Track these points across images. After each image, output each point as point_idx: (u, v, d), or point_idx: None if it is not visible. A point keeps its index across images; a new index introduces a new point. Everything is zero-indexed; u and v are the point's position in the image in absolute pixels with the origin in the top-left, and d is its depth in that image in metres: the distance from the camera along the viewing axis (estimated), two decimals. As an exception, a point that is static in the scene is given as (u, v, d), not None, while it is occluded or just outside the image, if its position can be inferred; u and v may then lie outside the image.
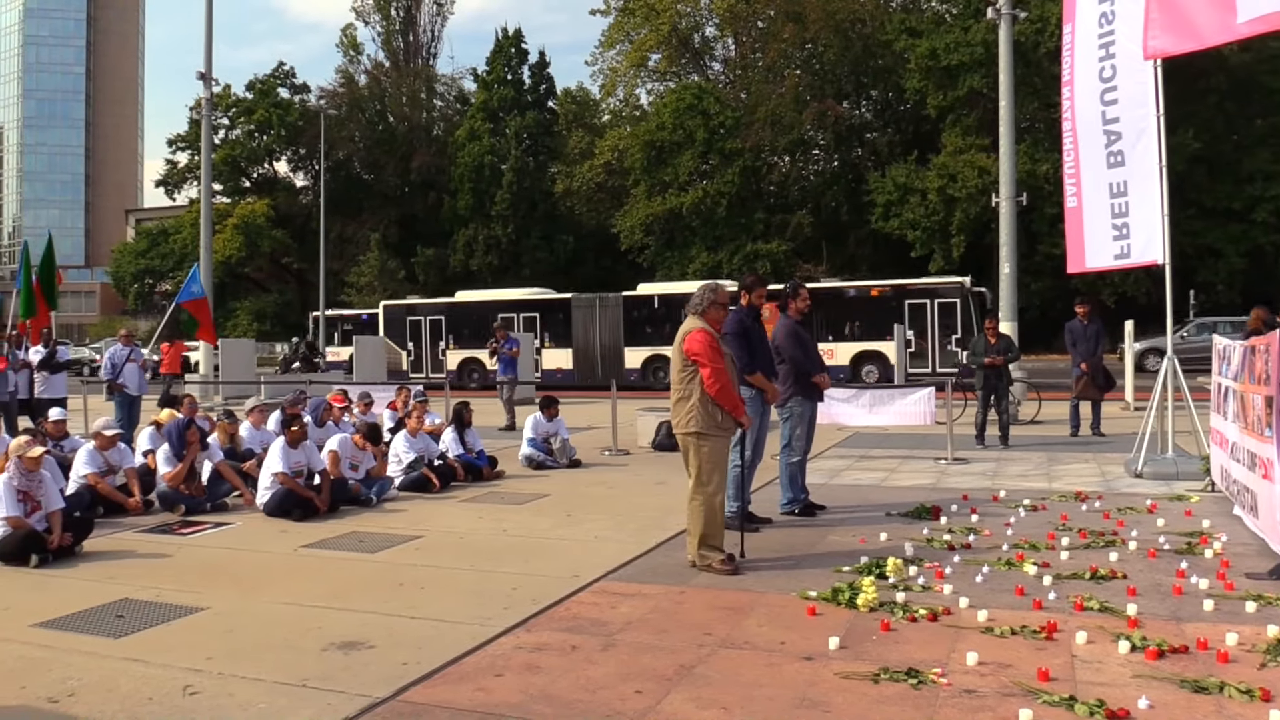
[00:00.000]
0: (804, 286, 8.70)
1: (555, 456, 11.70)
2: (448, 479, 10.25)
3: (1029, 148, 37.98)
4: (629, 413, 14.26)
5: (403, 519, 8.56)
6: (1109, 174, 10.81)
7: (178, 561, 7.00)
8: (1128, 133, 10.59)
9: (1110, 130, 10.78)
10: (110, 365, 14.46)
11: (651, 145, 48.03)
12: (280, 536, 7.83)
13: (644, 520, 8.19)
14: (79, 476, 8.68)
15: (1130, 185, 10.62)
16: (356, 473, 9.49)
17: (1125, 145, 10.62)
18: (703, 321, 6.54)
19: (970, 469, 11.04)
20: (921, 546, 6.92)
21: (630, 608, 5.58)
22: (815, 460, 10.79)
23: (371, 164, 62.55)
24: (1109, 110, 10.76)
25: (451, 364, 31.33)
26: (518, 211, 53.52)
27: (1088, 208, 11.08)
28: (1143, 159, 10.45)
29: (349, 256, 56.47)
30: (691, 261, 46.31)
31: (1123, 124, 10.63)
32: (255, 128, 60.63)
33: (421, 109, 65.33)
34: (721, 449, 6.46)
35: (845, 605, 5.48)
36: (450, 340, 31.82)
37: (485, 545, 7.38)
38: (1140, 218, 10.56)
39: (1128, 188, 10.65)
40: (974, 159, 40.37)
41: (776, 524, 7.99)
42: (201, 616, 5.54)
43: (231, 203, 60.58)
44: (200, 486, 9.10)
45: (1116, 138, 10.72)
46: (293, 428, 9.04)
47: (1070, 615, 5.26)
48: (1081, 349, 14.04)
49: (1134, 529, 7.37)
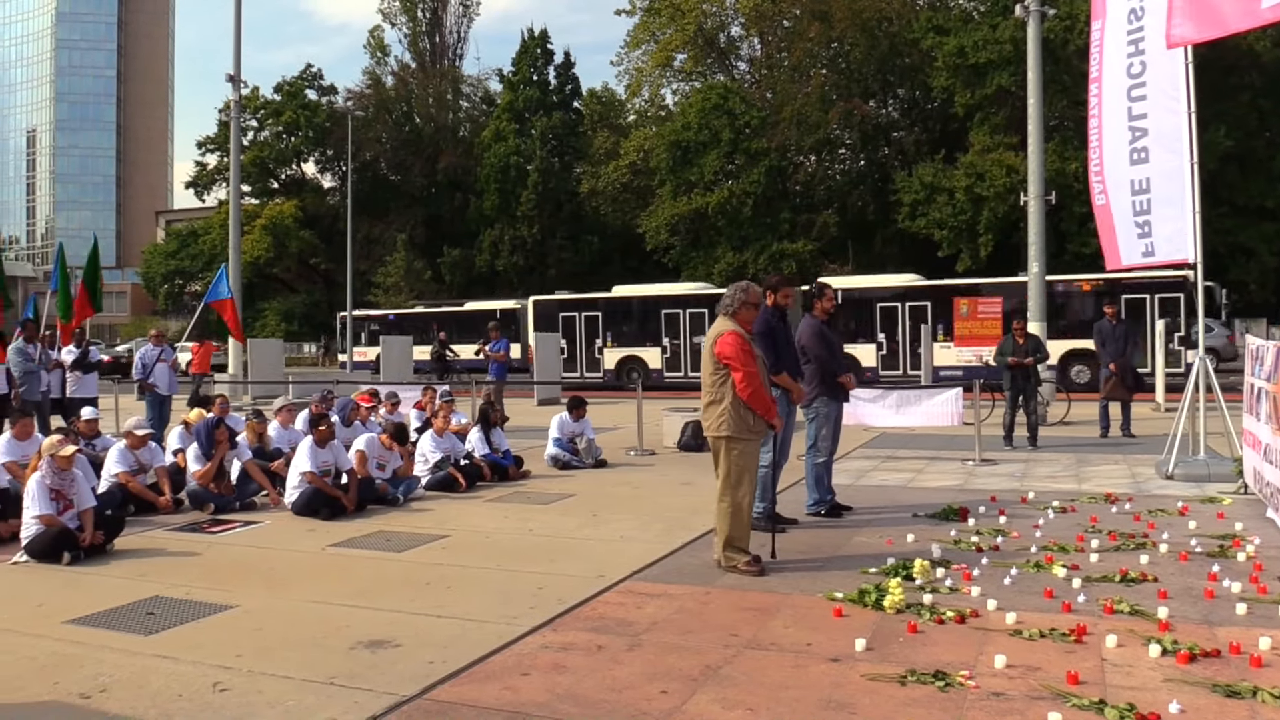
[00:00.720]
0: (830, 286, 8.67)
1: (581, 456, 11.71)
2: (474, 479, 10.29)
3: (1058, 146, 37.64)
4: (655, 413, 14.26)
5: (429, 518, 8.60)
6: (1131, 170, 10.70)
7: (207, 560, 7.07)
8: (1154, 129, 10.46)
9: (1135, 126, 10.66)
10: (141, 365, 14.62)
11: (677, 145, 47.98)
12: (308, 535, 7.88)
13: (670, 520, 8.19)
14: (110, 475, 8.78)
15: (1153, 182, 10.50)
16: (383, 472, 9.54)
17: (1150, 142, 10.50)
18: (734, 323, 6.51)
19: (998, 470, 10.96)
20: (949, 548, 6.88)
21: (656, 608, 5.58)
22: (841, 461, 10.75)
23: (398, 165, 62.91)
24: (1135, 106, 10.65)
25: (609, 363, 30.38)
26: (543, 212, 53.69)
27: (1115, 205, 10.97)
28: (1171, 156, 10.33)
29: (375, 257, 56.81)
30: (717, 261, 46.23)
31: (1149, 120, 10.52)
32: (283, 129, 61.13)
33: (447, 110, 65.65)
34: (752, 452, 6.44)
35: (872, 607, 5.46)
36: (608, 338, 30.72)
37: (511, 545, 7.40)
38: (1163, 215, 10.43)
39: (1149, 184, 10.52)
40: (1002, 158, 40.05)
41: (802, 525, 7.96)
42: (231, 614, 5.58)
43: (260, 204, 61.10)
44: (229, 485, 9.18)
45: (1141, 134, 10.60)
46: (320, 427, 9.11)
47: (1100, 618, 5.21)
48: (1110, 349, 13.93)
49: (1165, 531, 7.30)
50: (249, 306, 49.97)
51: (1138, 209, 10.65)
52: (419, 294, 51.92)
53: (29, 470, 7.39)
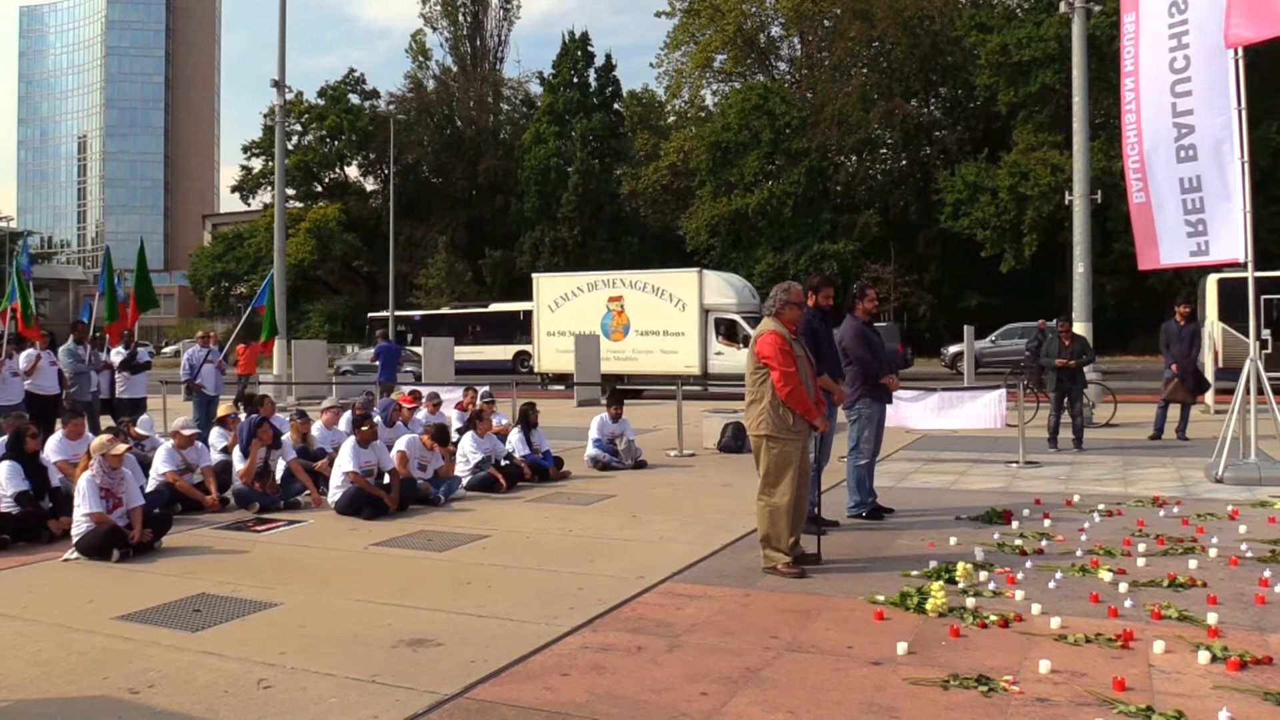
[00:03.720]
0: (872, 287, 8.61)
1: (621, 457, 11.72)
2: (514, 479, 10.33)
3: (1103, 144, 37.12)
4: (695, 414, 14.25)
5: (470, 518, 8.65)
6: (1179, 169, 10.47)
7: (252, 558, 7.16)
8: (1202, 126, 10.26)
9: (1181, 123, 10.44)
10: (189, 366, 14.86)
11: (717, 146, 47.94)
12: (350, 534, 7.96)
13: (710, 522, 8.18)
14: (158, 474, 8.93)
15: (1204, 180, 10.29)
16: (425, 472, 9.60)
17: (1199, 139, 10.29)
18: (777, 323, 6.52)
19: (1043, 473, 10.82)
20: (992, 551, 6.81)
21: (696, 609, 5.57)
22: (883, 463, 10.67)
23: (440, 168, 63.42)
24: (1180, 103, 10.43)
25: None
26: (584, 213, 53.86)
27: (1158, 203, 10.74)
28: (1221, 153, 10.13)
29: (417, 259, 57.30)
30: (757, 263, 46.12)
31: (1196, 117, 10.31)
32: (327, 133, 61.85)
33: (489, 113, 66.06)
34: (790, 452, 6.42)
35: (914, 610, 5.42)
36: None
37: (551, 545, 7.43)
38: (1218, 214, 10.23)
39: (1201, 183, 10.31)
40: (1046, 156, 39.58)
41: (843, 527, 7.92)
42: (275, 612, 5.65)
43: (304, 207, 61.85)
44: (274, 484, 9.29)
45: (1188, 131, 10.38)
46: (363, 427, 9.20)
47: (1147, 624, 5.13)
48: (1175, 350, 13.65)
49: (1214, 536, 7.17)
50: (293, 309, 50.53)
51: (1189, 207, 10.44)
52: (460, 296, 52.31)
53: (79, 469, 7.54)
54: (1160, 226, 10.77)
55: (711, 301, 24.27)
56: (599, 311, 25.34)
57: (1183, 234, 10.56)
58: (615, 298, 25.30)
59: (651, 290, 24.91)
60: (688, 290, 24.40)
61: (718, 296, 24.42)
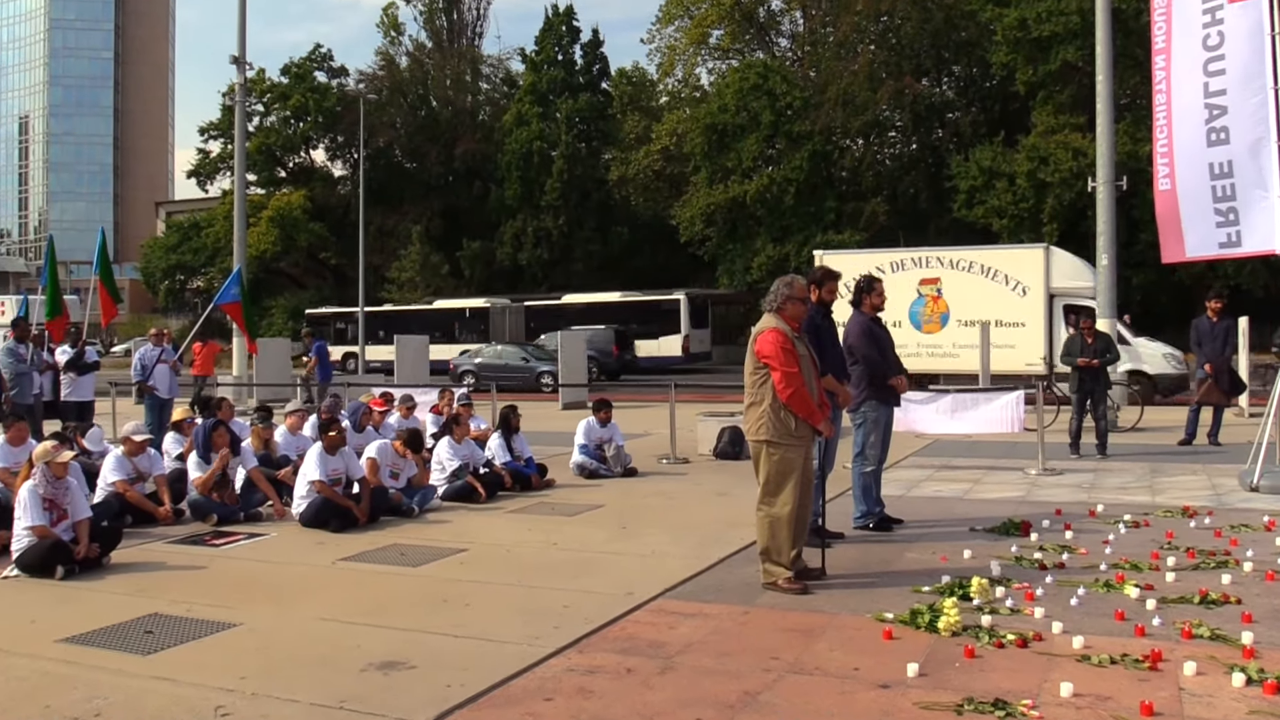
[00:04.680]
0: (879, 281, 8.61)
1: (609, 465, 11.73)
2: (494, 488, 10.33)
3: (1129, 126, 37.21)
4: (688, 417, 14.26)
5: (446, 530, 8.64)
6: (1209, 153, 10.48)
7: (210, 574, 7.14)
8: (1236, 107, 10.29)
9: (1213, 104, 10.47)
10: (140, 366, 14.79)
11: (713, 129, 47.92)
12: (317, 548, 7.95)
13: (705, 534, 8.18)
14: (107, 484, 8.89)
15: (1236, 166, 10.30)
16: (397, 481, 9.59)
17: (1231, 121, 10.32)
18: (778, 319, 6.52)
19: (1064, 481, 10.86)
20: (1009, 565, 6.83)
21: (690, 628, 5.58)
22: (891, 470, 10.69)
23: (413, 152, 63.27)
24: (1213, 82, 10.46)
25: None
26: (569, 201, 53.80)
27: (1183, 190, 10.75)
28: (1256, 137, 10.15)
29: (390, 251, 57.18)
30: (756, 254, 46.13)
31: (1230, 97, 10.33)
32: (291, 114, 61.61)
33: (466, 92, 65.94)
34: (793, 459, 6.43)
35: (925, 629, 5.43)
36: None
37: (534, 559, 7.43)
38: (1251, 202, 10.25)
39: (1233, 168, 10.32)
40: (1068, 139, 39.67)
41: (849, 539, 7.93)
42: (234, 633, 5.64)
43: (266, 194, 61.63)
44: (233, 495, 9.26)
45: (1220, 112, 10.41)
46: (330, 433, 9.17)
47: (1177, 643, 5.14)
48: (1207, 349, 13.59)
49: (1249, 548, 7.20)
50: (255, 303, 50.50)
51: (1219, 194, 10.45)
52: (436, 290, 52.24)
53: (20, 478, 7.50)
54: (1186, 216, 10.77)
55: (1061, 285, 21.50)
56: (906, 296, 22.65)
57: (1211, 224, 10.57)
58: (929, 280, 22.72)
59: (980, 270, 22.13)
60: (1030, 270, 21.60)
61: (1068, 279, 21.61)
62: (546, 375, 28.44)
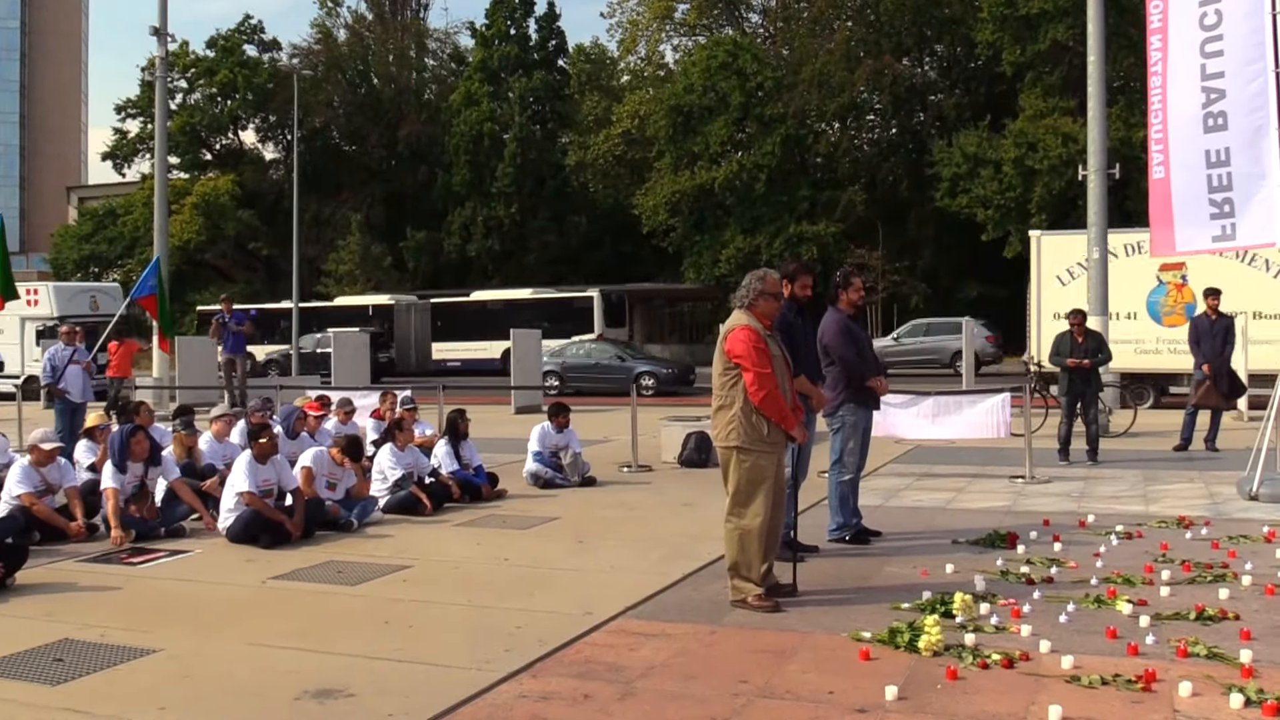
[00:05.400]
0: (857, 275, 8.66)
1: (565, 473, 11.71)
2: (441, 499, 10.29)
3: (1122, 110, 37.67)
4: (652, 422, 14.26)
5: (388, 546, 8.59)
6: (1206, 139, 10.59)
7: (126, 596, 7.05)
8: (1234, 91, 10.40)
9: (1211, 87, 10.58)
10: (50, 367, 14.58)
11: (678, 111, 47.99)
12: (245, 566, 7.87)
13: (669, 548, 8.19)
14: (11, 497, 8.75)
15: (1234, 153, 10.41)
16: (334, 492, 9.53)
17: (1229, 105, 10.43)
18: (749, 316, 6.55)
19: (1052, 489, 10.97)
20: (994, 580, 6.88)
21: (652, 650, 5.58)
22: (869, 478, 10.75)
23: (352, 133, 62.87)
24: (1210, 64, 10.57)
25: None
26: (522, 188, 53.67)
27: (1177, 179, 10.85)
28: (1255, 123, 10.27)
29: (326, 241, 56.75)
30: (725, 246, 46.28)
31: (1228, 80, 10.45)
32: (218, 91, 61.01)
33: (410, 69, 65.60)
34: (765, 466, 6.45)
35: (904, 648, 5.46)
36: None
37: (484, 576, 7.40)
38: (1248, 192, 10.35)
39: (1230, 155, 10.42)
40: (1057, 124, 40.06)
41: (824, 552, 7.96)
42: (154, 660, 5.57)
43: (190, 179, 60.94)
44: (153, 508, 9.15)
45: (1218, 96, 10.51)
46: (260, 440, 9.08)
47: (1172, 662, 5.21)
48: (1205, 348, 13.71)
49: (1248, 561, 7.29)
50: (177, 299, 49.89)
51: (1215, 184, 10.55)
52: (376, 284, 51.93)
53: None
54: (1179, 206, 10.85)
55: None
56: (1143, 285, 21.34)
57: (1205, 215, 10.66)
58: (1172, 265, 21.04)
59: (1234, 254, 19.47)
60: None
61: None
62: (647, 376, 27.60)
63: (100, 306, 31.11)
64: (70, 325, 16.31)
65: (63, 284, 34.09)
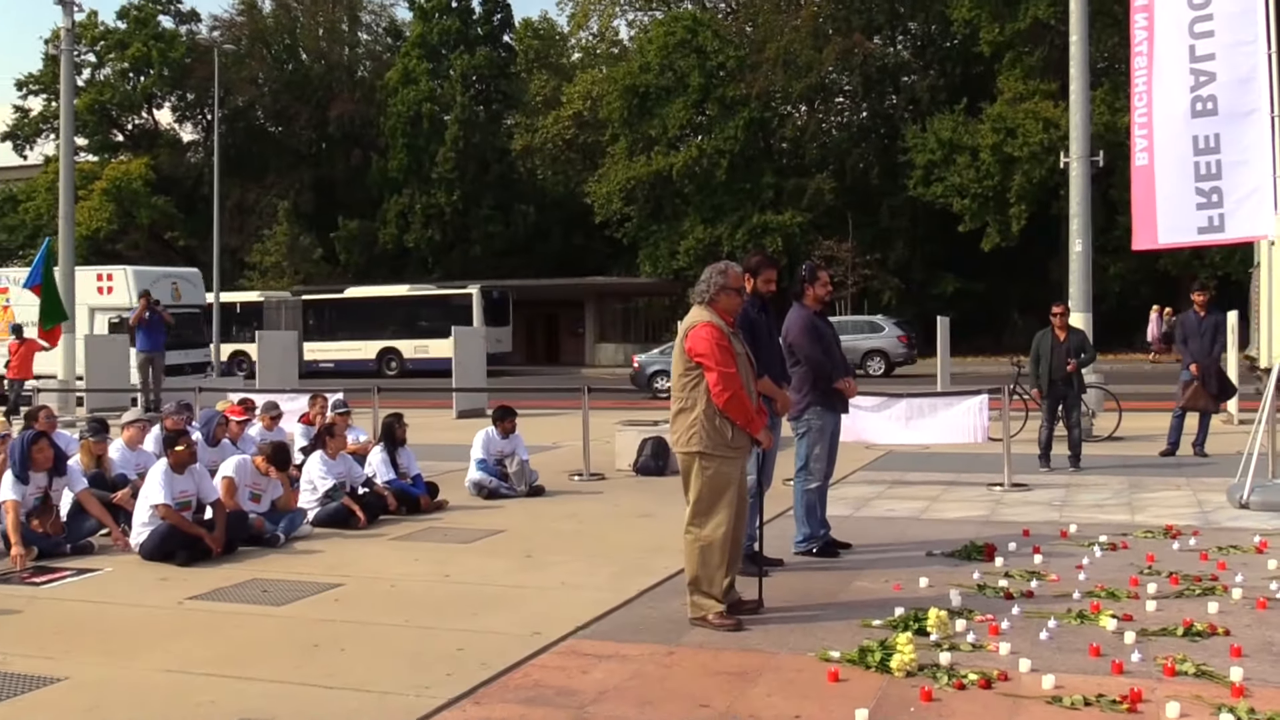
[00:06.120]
0: (824, 269, 8.70)
1: (511, 482, 11.68)
2: (376, 511, 10.23)
3: (1107, 94, 38.10)
4: (605, 427, 14.26)
5: (318, 562, 8.54)
6: (1194, 124, 10.67)
7: (28, 619, 6.97)
8: (1225, 73, 10.50)
9: (1199, 69, 10.68)
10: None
11: (633, 92, 48.01)
12: (160, 586, 7.79)
13: (624, 562, 8.19)
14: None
15: (1224, 139, 10.51)
16: (259, 504, 9.45)
17: (1219, 89, 10.53)
18: (710, 312, 6.55)
19: (1032, 497, 11.08)
20: (971, 595, 6.93)
21: (606, 673, 5.58)
22: (838, 487, 10.81)
23: (279, 113, 62.35)
24: (1199, 44, 10.67)
25: None
26: (465, 174, 53.44)
27: (1161, 166, 10.94)
28: (1247, 108, 10.39)
29: (250, 230, 56.24)
30: (683, 237, 46.35)
31: (1218, 62, 10.54)
32: (130, 66, 60.29)
33: (342, 44, 65.17)
34: (729, 474, 6.46)
35: (876, 668, 5.49)
36: None
37: (423, 595, 7.38)
38: (1239, 181, 10.44)
39: (1219, 142, 10.52)
40: (1038, 108, 40.48)
41: (789, 566, 8.00)
42: (58, 689, 5.51)
43: (100, 161, 60.23)
44: (58, 523, 9.03)
45: (1208, 79, 10.62)
46: (177, 448, 8.99)
47: (1159, 681, 5.28)
48: (1193, 347, 13.81)
49: (1239, 573, 7.39)
50: (86, 293, 49.35)
51: (1202, 171, 10.65)
52: (305, 276, 51.56)
53: None
54: (1162, 196, 10.92)
55: None
56: None
57: (1191, 205, 10.74)
58: None
59: None
60: None
61: None
62: None
63: (182, 295, 29.21)
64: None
65: (143, 268, 30.71)
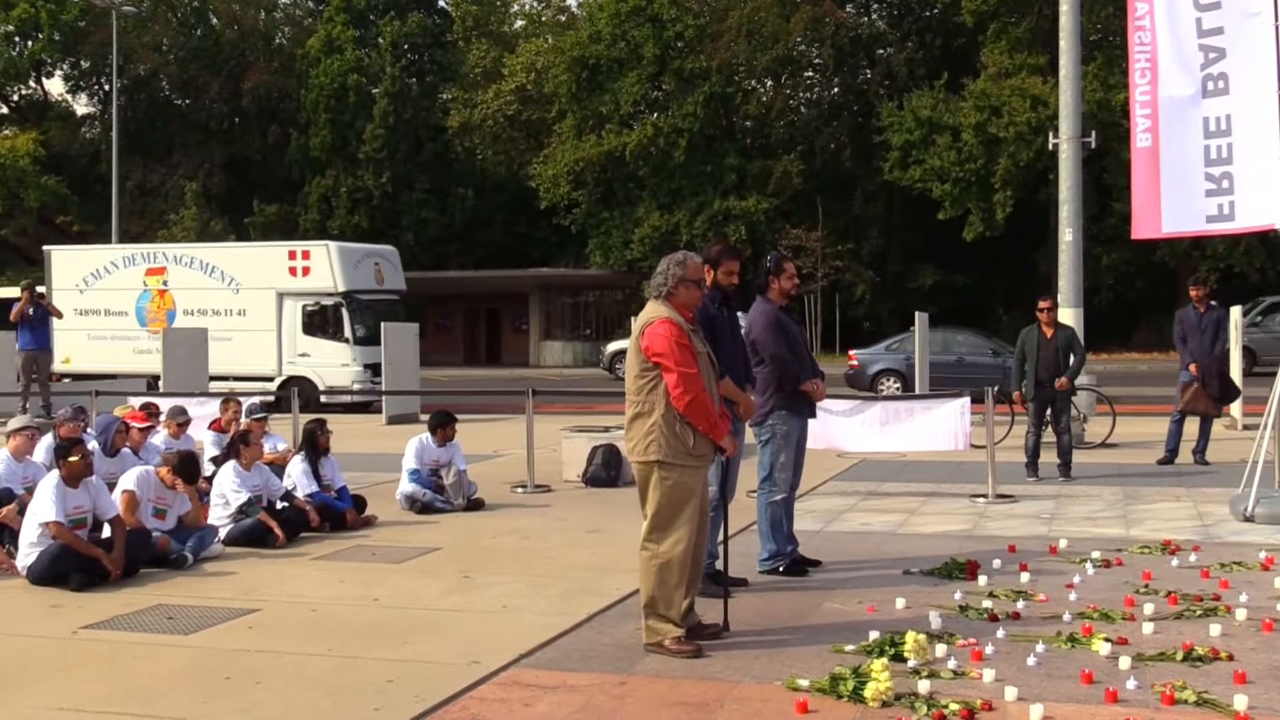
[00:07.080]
0: (790, 260, 8.71)
1: (448, 495, 11.63)
2: (296, 528, 10.15)
3: (1100, 69, 38.49)
4: (551, 434, 14.23)
5: (231, 585, 8.47)
6: (1204, 104, 10.75)
7: (-98, 649, 6.85)
8: (1235, 48, 10.57)
9: (1209, 45, 10.73)
10: None
11: (582, 63, 48.01)
12: (51, 613, 7.70)
13: (571, 583, 8.18)
14: None
15: (1235, 121, 10.58)
16: (164, 521, 9.36)
17: (1231, 67, 10.60)
18: (668, 308, 6.53)
19: (1019, 510, 11.15)
20: (952, 617, 6.98)
21: (552, 705, 5.57)
22: (807, 498, 10.85)
23: (186, 84, 61.84)
24: (1206, 17, 10.74)
25: None
26: (395, 154, 53.21)
27: (1167, 149, 11.01)
28: (1259, 86, 10.43)
29: (154, 214, 55.73)
30: (638, 225, 46.37)
31: (1228, 37, 10.61)
32: (15, 29, 59.62)
33: (258, 8, 64.71)
34: (690, 484, 6.45)
35: (848, 698, 5.50)
36: None
37: (349, 621, 7.33)
38: (1250, 167, 10.51)
39: (1230, 124, 10.58)
40: (1025, 84, 40.79)
41: (754, 586, 8.00)
42: (-62, 726, 5.42)
43: (-18, 137, 59.55)
44: (-63, 541, 8.92)
45: (1218, 55, 10.67)
46: (71, 458, 8.88)
47: (1157, 710, 5.32)
48: (1193, 345, 13.88)
49: (1243, 592, 7.46)
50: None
51: (1213, 156, 10.67)
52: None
53: None
54: (1168, 181, 11.00)
55: None
56: None
57: (1199, 192, 10.81)
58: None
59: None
60: None
61: None
62: None
63: (385, 279, 26.84)
64: None
65: (348, 244, 28.14)
